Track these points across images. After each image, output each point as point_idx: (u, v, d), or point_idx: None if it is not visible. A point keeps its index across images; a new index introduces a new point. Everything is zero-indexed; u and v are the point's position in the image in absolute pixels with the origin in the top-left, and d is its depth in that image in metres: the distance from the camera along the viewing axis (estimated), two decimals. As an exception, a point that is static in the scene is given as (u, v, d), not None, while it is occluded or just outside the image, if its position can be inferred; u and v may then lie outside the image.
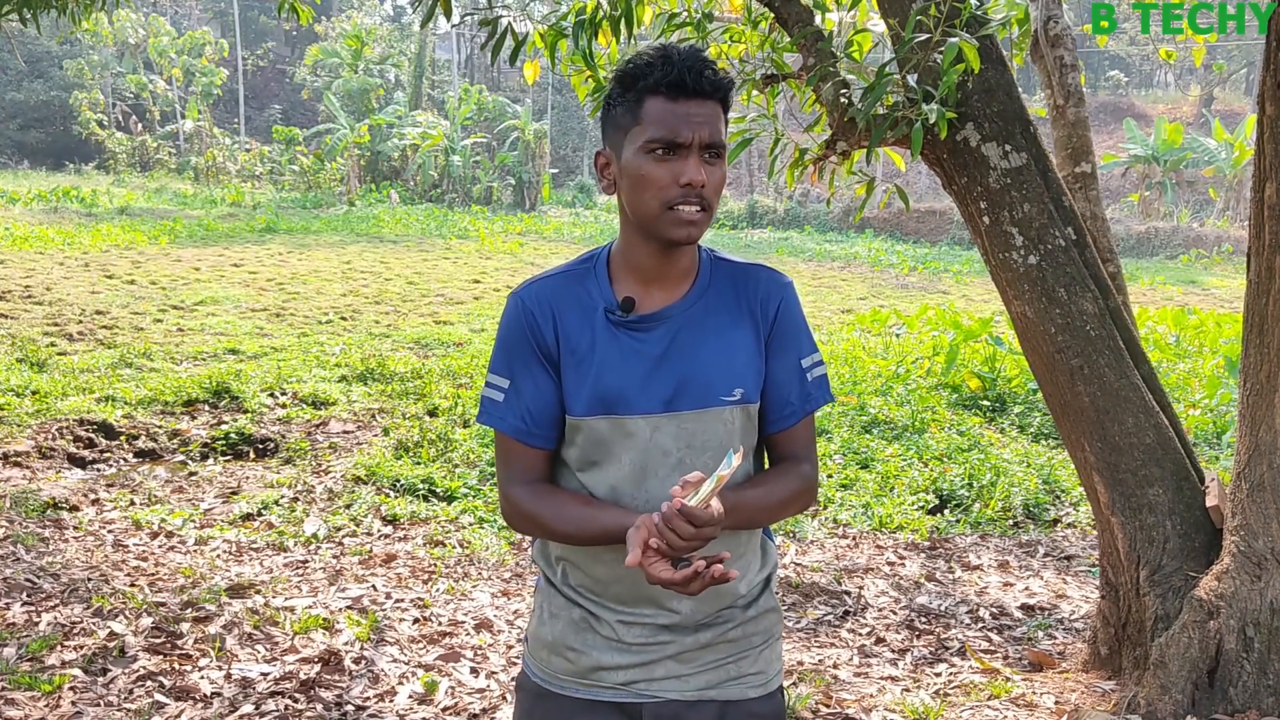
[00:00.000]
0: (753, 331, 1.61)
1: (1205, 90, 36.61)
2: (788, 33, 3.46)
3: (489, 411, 1.61)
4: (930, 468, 5.98)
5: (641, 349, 1.56)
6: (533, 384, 1.58)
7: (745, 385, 1.59)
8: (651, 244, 1.55)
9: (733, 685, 1.64)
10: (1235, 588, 2.90)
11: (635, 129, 1.50)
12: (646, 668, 1.61)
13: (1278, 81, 2.80)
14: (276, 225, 21.00)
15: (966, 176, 3.18)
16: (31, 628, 3.62)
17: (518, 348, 1.59)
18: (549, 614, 1.68)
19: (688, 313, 1.59)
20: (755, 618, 1.67)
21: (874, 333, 11.10)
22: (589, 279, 1.60)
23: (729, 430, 1.58)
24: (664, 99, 1.49)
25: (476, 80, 39.75)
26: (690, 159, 1.48)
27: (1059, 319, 3.13)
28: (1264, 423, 2.93)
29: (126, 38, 35.06)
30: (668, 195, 1.49)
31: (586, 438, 1.57)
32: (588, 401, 1.56)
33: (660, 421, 1.55)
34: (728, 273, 1.64)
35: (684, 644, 1.61)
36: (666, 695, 1.62)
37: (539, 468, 1.61)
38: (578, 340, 1.57)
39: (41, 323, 9.76)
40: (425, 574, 4.35)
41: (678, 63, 1.48)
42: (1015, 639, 3.86)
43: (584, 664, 1.63)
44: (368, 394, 7.43)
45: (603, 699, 1.63)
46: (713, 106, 1.50)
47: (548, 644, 1.67)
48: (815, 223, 27.75)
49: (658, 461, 1.56)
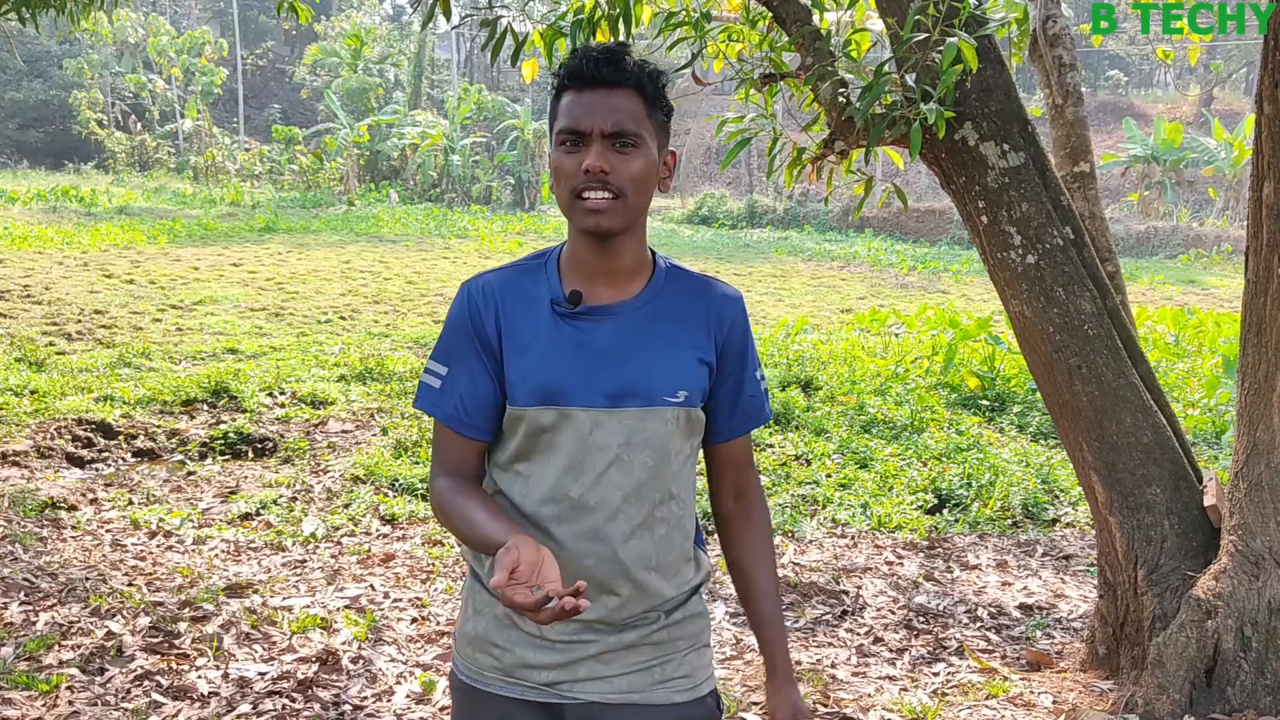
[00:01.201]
0: (703, 340, 1.61)
1: (1205, 90, 36.60)
2: (786, 32, 3.46)
3: (424, 397, 1.61)
4: (929, 467, 5.98)
5: (587, 341, 1.56)
6: (468, 374, 1.58)
7: (689, 389, 1.59)
8: (583, 237, 1.56)
9: (657, 689, 1.62)
10: (1233, 587, 2.90)
11: (554, 124, 1.54)
12: (569, 668, 1.60)
13: (1276, 81, 2.80)
14: (276, 225, 20.99)
15: (965, 176, 3.18)
16: (29, 627, 3.61)
17: (458, 337, 1.59)
18: (473, 610, 1.66)
19: (637, 312, 1.59)
20: (681, 621, 1.65)
21: (873, 332, 11.09)
22: (539, 273, 1.61)
23: (668, 431, 1.58)
24: (572, 91, 1.52)
25: (476, 79, 39.75)
26: (593, 146, 1.49)
27: (1057, 318, 3.13)
28: (1262, 422, 2.93)
29: (126, 37, 35.05)
30: (574, 183, 1.50)
31: (526, 429, 1.56)
32: (530, 391, 1.55)
33: (601, 417, 1.55)
34: (682, 281, 1.64)
35: (607, 643, 1.60)
36: (588, 696, 1.60)
37: (468, 460, 1.61)
38: (521, 330, 1.57)
39: (40, 322, 9.75)
40: (423, 573, 4.35)
41: (583, 55, 1.50)
42: (1013, 638, 3.86)
43: (508, 661, 1.61)
44: (366, 393, 7.43)
45: (528, 698, 1.61)
46: (624, 95, 1.50)
47: (472, 640, 1.65)
48: (815, 222, 27.72)
49: (595, 457, 1.55)
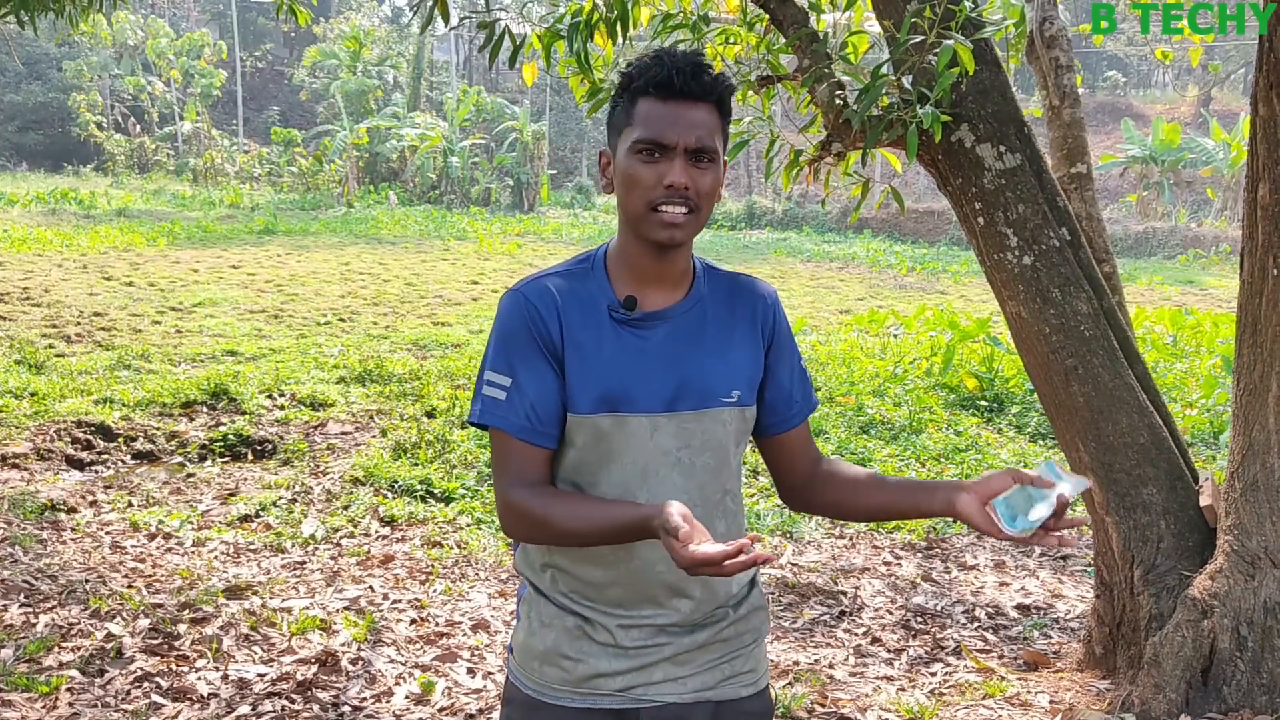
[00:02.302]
0: (750, 337, 1.63)
1: (1203, 90, 36.62)
2: (783, 34, 3.47)
3: (491, 411, 1.53)
4: (927, 468, 5.99)
5: (645, 347, 1.56)
6: (537, 379, 1.53)
7: (741, 388, 1.60)
8: (644, 244, 1.54)
9: (727, 685, 1.64)
10: (1229, 587, 2.91)
11: (628, 129, 1.51)
12: (644, 671, 1.59)
13: (1270, 83, 2.81)
14: (275, 227, 20.98)
15: (961, 177, 3.19)
16: (29, 629, 3.62)
17: (520, 343, 1.54)
18: (539, 623, 1.63)
19: (686, 315, 1.59)
20: (746, 615, 1.67)
21: (871, 333, 11.09)
22: (588, 278, 1.59)
23: (726, 432, 1.59)
24: (654, 100, 1.49)
25: (475, 81, 39.69)
26: (676, 161, 1.48)
27: (1053, 319, 3.14)
28: (1257, 422, 2.94)
29: (125, 39, 35.01)
30: (652, 196, 1.49)
31: (588, 437, 1.55)
32: (592, 399, 1.53)
33: (660, 421, 1.55)
34: (722, 280, 1.66)
35: (681, 645, 1.60)
36: (665, 699, 1.60)
37: (541, 469, 1.55)
38: (582, 336, 1.54)
39: (40, 324, 9.76)
40: (423, 575, 4.36)
41: (669, 64, 1.48)
42: (1011, 638, 3.87)
43: (580, 672, 1.59)
44: (366, 395, 7.44)
45: (600, 706, 1.60)
46: (706, 110, 1.50)
47: (539, 654, 1.62)
48: (814, 223, 27.72)
49: (658, 461, 1.55)
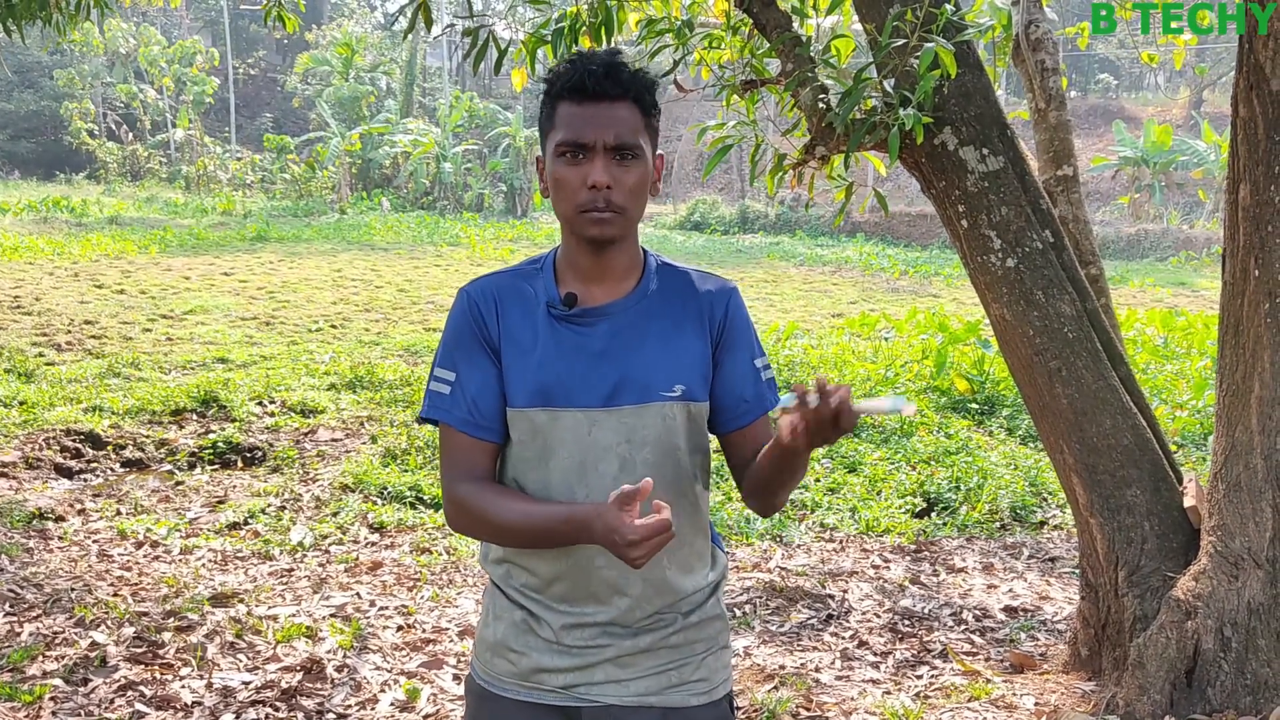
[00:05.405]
0: (699, 333, 1.63)
1: (1194, 93, 36.73)
2: (766, 38, 3.47)
3: (436, 405, 1.60)
4: (918, 471, 5.99)
5: (583, 343, 1.58)
6: (478, 374, 1.59)
7: (687, 383, 1.60)
8: (581, 243, 1.57)
9: (673, 692, 1.64)
10: (1212, 588, 2.91)
11: (551, 133, 1.54)
12: (586, 671, 1.61)
13: (1250, 83, 2.82)
14: (267, 233, 20.94)
15: (944, 180, 3.20)
16: (13, 639, 3.61)
17: (462, 340, 1.60)
18: (493, 615, 1.69)
19: (629, 311, 1.60)
20: (698, 624, 1.66)
21: (863, 336, 11.10)
22: (536, 277, 1.63)
23: (670, 427, 1.59)
24: (571, 103, 1.52)
25: (468, 87, 39.72)
26: (597, 161, 1.50)
27: (1037, 321, 3.14)
28: (1240, 423, 2.94)
29: (117, 47, 34.95)
30: (578, 198, 1.52)
31: (525, 431, 1.58)
32: (528, 392, 1.57)
33: (599, 416, 1.56)
34: (674, 277, 1.66)
35: (623, 647, 1.61)
36: (605, 700, 1.62)
37: (484, 464, 1.60)
38: (520, 333, 1.59)
39: (30, 333, 9.73)
40: (411, 581, 4.35)
41: (582, 66, 1.50)
42: (998, 641, 3.86)
43: (525, 666, 1.63)
44: (356, 402, 7.42)
45: (544, 702, 1.63)
46: (625, 108, 1.52)
47: (490, 645, 1.67)
48: (807, 228, 27.73)
49: (597, 456, 1.57)
